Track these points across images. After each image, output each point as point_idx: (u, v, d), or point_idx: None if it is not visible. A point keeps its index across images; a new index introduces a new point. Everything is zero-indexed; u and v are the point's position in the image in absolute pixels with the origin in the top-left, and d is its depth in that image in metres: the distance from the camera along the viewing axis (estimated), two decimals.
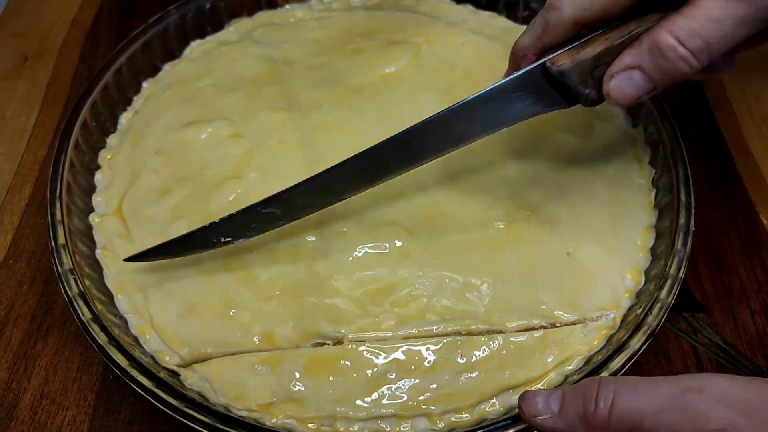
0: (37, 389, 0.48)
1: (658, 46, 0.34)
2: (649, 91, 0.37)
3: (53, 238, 0.46)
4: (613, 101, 0.37)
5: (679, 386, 0.32)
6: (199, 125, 0.55)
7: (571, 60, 0.38)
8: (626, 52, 0.36)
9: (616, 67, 0.37)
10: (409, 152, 0.42)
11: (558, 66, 0.38)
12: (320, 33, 0.63)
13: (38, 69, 0.68)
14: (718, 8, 0.32)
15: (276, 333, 0.44)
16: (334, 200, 0.45)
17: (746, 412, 0.30)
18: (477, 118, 0.41)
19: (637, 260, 0.48)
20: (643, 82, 0.36)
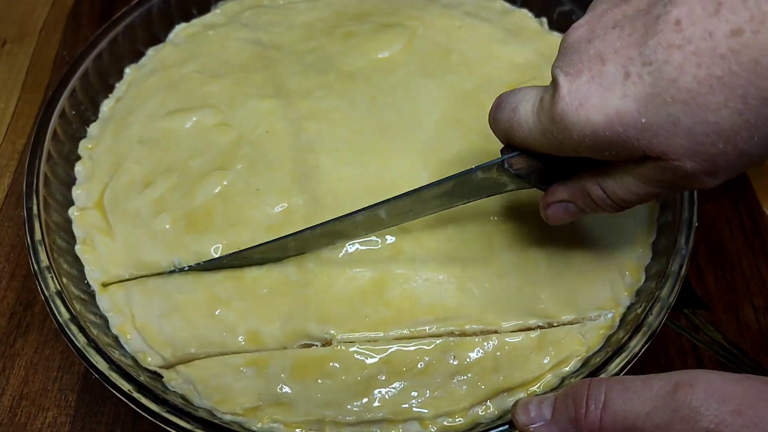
0: (16, 390, 0.47)
1: (589, 195, 0.37)
2: (581, 216, 0.40)
3: (29, 233, 0.45)
4: (551, 223, 0.41)
5: (670, 383, 0.31)
6: (184, 113, 0.53)
7: (528, 167, 0.38)
8: (560, 187, 0.39)
9: (552, 198, 0.40)
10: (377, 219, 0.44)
11: (516, 170, 0.39)
12: (310, 16, 0.61)
13: (17, 53, 0.65)
14: (636, 186, 0.35)
15: (262, 333, 0.42)
16: None
17: (739, 410, 0.29)
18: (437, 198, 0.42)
19: (637, 256, 0.46)
20: (576, 211, 0.39)
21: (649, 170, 0.33)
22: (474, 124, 0.51)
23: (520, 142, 0.37)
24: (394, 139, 0.50)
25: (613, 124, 0.31)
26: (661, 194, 0.36)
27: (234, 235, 0.46)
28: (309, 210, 0.46)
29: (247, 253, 0.44)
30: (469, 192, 0.42)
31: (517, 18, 0.60)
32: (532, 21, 0.60)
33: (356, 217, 0.43)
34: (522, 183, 0.40)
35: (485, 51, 0.56)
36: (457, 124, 0.51)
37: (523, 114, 0.36)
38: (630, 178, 0.35)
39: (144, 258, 0.46)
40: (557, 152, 0.36)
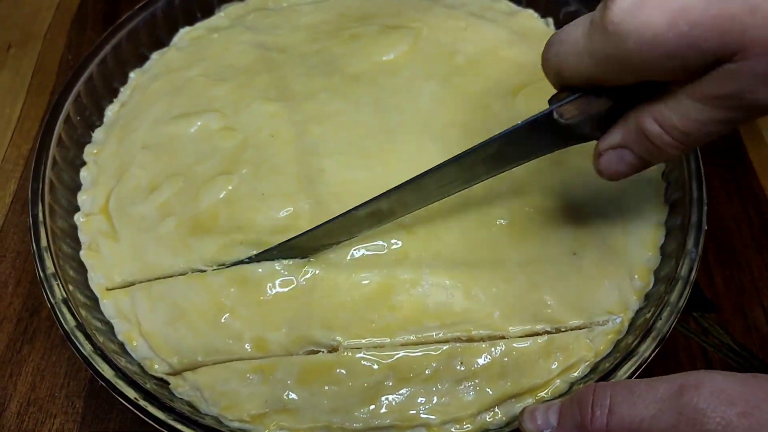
0: (23, 396, 0.47)
1: (644, 132, 0.34)
2: (640, 167, 0.36)
3: (35, 241, 0.45)
4: (604, 177, 0.37)
5: (675, 385, 0.31)
6: (189, 118, 0.53)
7: (581, 113, 0.35)
8: (615, 129, 0.35)
9: (605, 144, 0.36)
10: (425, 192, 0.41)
11: (567, 119, 0.35)
12: (314, 18, 0.60)
13: (22, 57, 0.66)
14: (698, 111, 0.31)
15: (268, 339, 0.42)
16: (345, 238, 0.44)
17: (745, 412, 0.29)
18: (484, 163, 0.39)
19: (646, 259, 0.46)
20: (632, 160, 0.36)
21: (712, 85, 0.30)
22: (480, 126, 0.51)
23: (570, 75, 0.34)
24: (399, 142, 0.50)
25: (677, 23, 0.28)
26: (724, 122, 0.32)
27: (238, 235, 0.45)
28: (314, 214, 0.46)
29: (296, 242, 0.43)
30: (517, 153, 0.39)
31: (523, 19, 0.59)
32: (538, 21, 0.59)
33: (404, 192, 0.40)
34: (573, 136, 0.36)
35: (491, 52, 0.56)
36: (463, 127, 0.51)
37: (572, 41, 0.33)
38: (690, 101, 0.31)
39: (149, 262, 0.46)
40: (611, 78, 0.32)
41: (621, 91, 0.33)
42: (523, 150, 0.39)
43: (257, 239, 0.45)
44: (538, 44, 0.56)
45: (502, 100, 0.52)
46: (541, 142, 0.38)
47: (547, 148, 0.38)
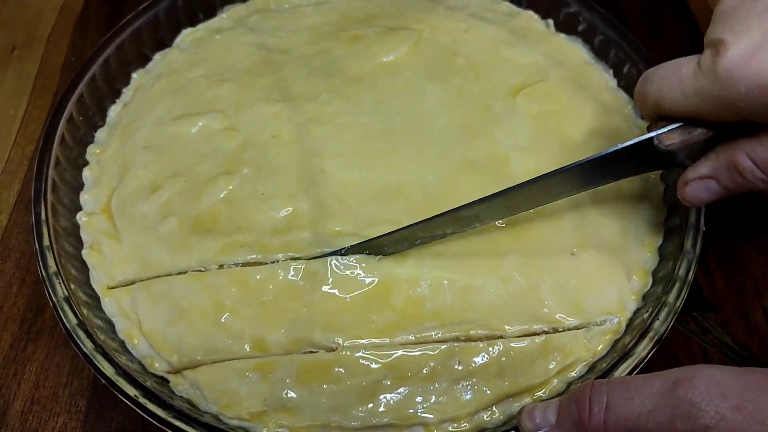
0: (27, 395, 0.47)
1: (736, 166, 0.36)
2: (721, 196, 0.39)
3: (38, 240, 0.45)
4: (688, 204, 0.40)
5: (671, 379, 0.31)
6: (191, 118, 0.53)
7: (681, 141, 0.37)
8: (704, 161, 0.38)
9: (694, 174, 0.38)
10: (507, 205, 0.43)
11: (667, 145, 0.37)
12: (316, 19, 0.61)
13: (26, 59, 0.66)
14: None
15: (268, 340, 0.42)
16: None
17: (739, 405, 0.29)
18: (574, 180, 0.41)
19: (644, 260, 0.46)
20: (718, 190, 0.38)
21: None
22: (481, 127, 0.51)
23: (671, 109, 0.37)
24: (400, 143, 0.50)
25: None
26: None
27: (239, 236, 0.46)
28: (315, 214, 0.46)
29: (377, 242, 0.43)
30: (605, 174, 0.41)
31: (524, 20, 0.59)
32: (539, 23, 0.59)
33: (491, 203, 0.42)
34: (665, 162, 0.39)
35: (491, 53, 0.56)
36: (464, 128, 0.51)
37: (676, 79, 0.36)
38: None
39: (150, 261, 0.46)
40: (712, 116, 0.35)
41: (718, 126, 0.36)
42: (612, 172, 0.41)
43: (257, 241, 0.45)
44: (539, 45, 0.57)
45: (502, 101, 0.53)
46: (631, 165, 0.40)
47: (633, 171, 0.40)
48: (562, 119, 0.51)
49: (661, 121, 0.38)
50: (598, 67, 0.57)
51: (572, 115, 0.52)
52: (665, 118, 0.38)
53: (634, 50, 0.54)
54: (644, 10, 0.70)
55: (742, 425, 0.29)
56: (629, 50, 0.54)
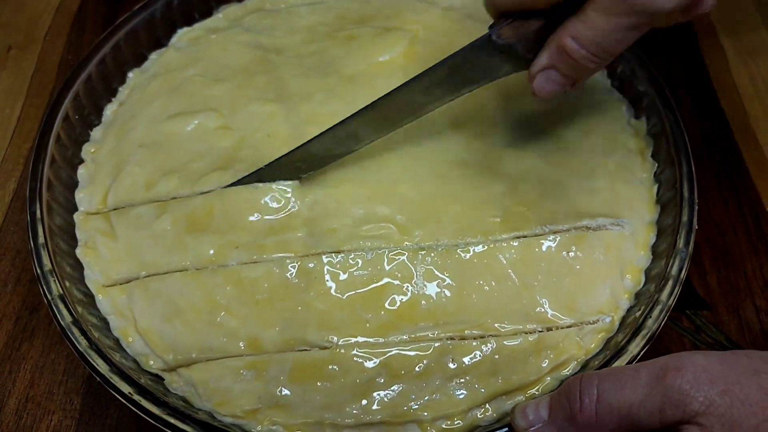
0: (22, 393, 0.47)
1: (564, 49, 0.38)
2: (568, 84, 0.40)
3: (33, 238, 0.45)
4: (540, 98, 0.41)
5: (659, 369, 0.32)
6: (186, 117, 0.53)
7: (515, 34, 0.39)
8: (542, 53, 0.39)
9: (536, 68, 0.40)
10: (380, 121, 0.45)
11: (503, 40, 0.40)
12: (312, 19, 0.61)
13: (23, 59, 0.66)
14: (605, 21, 0.36)
15: (262, 338, 0.43)
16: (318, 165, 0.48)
17: (726, 390, 0.30)
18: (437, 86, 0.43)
19: (637, 259, 0.46)
20: (560, 79, 0.40)
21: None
22: (474, 126, 0.51)
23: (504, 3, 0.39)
24: (394, 142, 0.50)
25: None
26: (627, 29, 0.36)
27: (234, 236, 0.46)
28: (310, 213, 0.47)
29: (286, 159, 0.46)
30: (465, 77, 0.42)
31: None
32: None
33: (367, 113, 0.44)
34: (510, 58, 0.41)
35: None
36: (458, 127, 0.51)
37: None
38: (595, 14, 0.35)
39: (146, 260, 0.46)
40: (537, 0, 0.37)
41: (547, 14, 0.38)
42: (470, 74, 0.42)
43: (253, 241, 0.45)
44: None
45: (496, 101, 0.53)
46: (484, 66, 0.42)
47: (491, 73, 0.43)
48: (557, 119, 0.52)
49: (501, 18, 0.40)
50: None
51: (566, 115, 0.52)
52: (505, 16, 0.40)
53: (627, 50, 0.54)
54: None
55: (730, 409, 0.30)
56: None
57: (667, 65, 0.64)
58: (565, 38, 0.37)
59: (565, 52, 0.38)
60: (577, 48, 0.37)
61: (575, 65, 0.38)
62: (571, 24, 0.37)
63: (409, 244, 0.45)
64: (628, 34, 0.36)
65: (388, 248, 0.45)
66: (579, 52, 0.37)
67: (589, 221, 0.46)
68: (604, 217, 0.47)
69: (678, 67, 0.64)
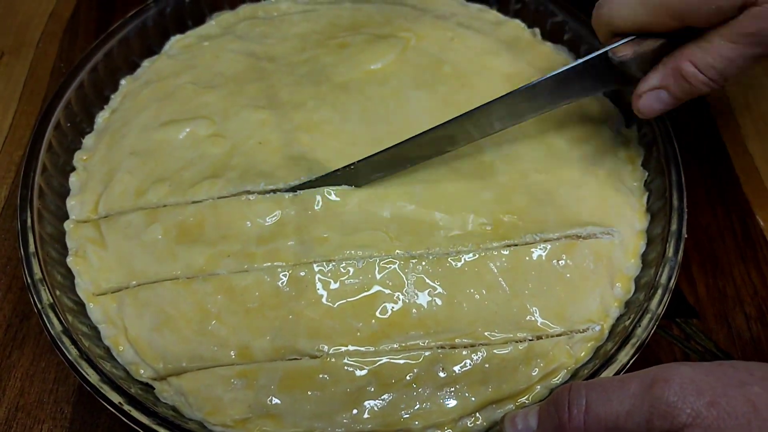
0: (12, 401, 0.47)
1: (681, 73, 0.40)
2: (673, 105, 0.42)
3: (23, 246, 0.45)
4: (643, 116, 0.43)
5: (647, 380, 0.32)
6: (178, 124, 0.53)
7: (633, 52, 0.41)
8: (652, 74, 0.41)
9: (645, 87, 0.42)
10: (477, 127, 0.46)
11: (620, 56, 0.41)
12: (304, 27, 0.61)
13: (15, 65, 0.66)
14: (728, 49, 0.38)
15: (253, 347, 0.43)
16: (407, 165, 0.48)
17: (713, 401, 0.31)
18: (541, 96, 0.45)
19: (627, 267, 0.47)
20: (669, 99, 0.42)
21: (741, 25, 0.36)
22: None
23: (622, 24, 0.41)
24: None
25: None
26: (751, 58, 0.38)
27: (225, 246, 0.46)
28: (301, 221, 0.47)
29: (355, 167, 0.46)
30: (569, 91, 0.44)
31: (510, 29, 0.60)
32: (525, 32, 0.60)
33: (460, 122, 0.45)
34: (620, 76, 0.42)
35: (477, 62, 0.56)
36: None
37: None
38: (722, 41, 0.37)
39: (136, 269, 0.46)
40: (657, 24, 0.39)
41: (665, 37, 0.40)
42: (576, 88, 0.44)
43: (243, 250, 0.45)
44: (525, 54, 0.57)
45: None
46: (589, 83, 0.44)
47: (592, 89, 0.45)
48: (548, 127, 0.52)
49: (616, 37, 0.42)
50: None
51: (557, 123, 0.52)
52: (619, 36, 0.42)
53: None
54: None
55: (717, 420, 0.30)
56: None
57: None
58: (683, 62, 0.39)
59: (681, 76, 0.40)
60: (694, 72, 0.39)
61: (689, 89, 0.40)
62: (690, 49, 0.39)
63: (400, 253, 0.45)
64: (747, 62, 0.38)
65: (379, 256, 0.45)
66: (696, 77, 0.39)
67: (580, 230, 0.47)
68: (594, 226, 0.47)
69: None
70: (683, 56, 0.39)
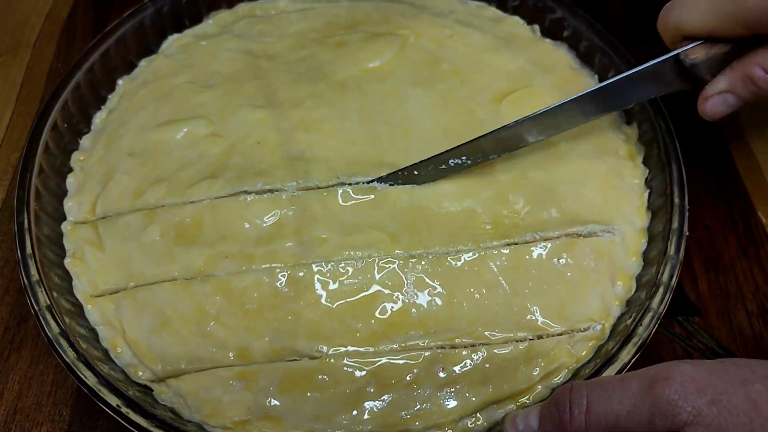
0: (10, 404, 0.47)
1: (750, 77, 0.41)
2: (737, 108, 0.43)
3: (20, 248, 0.45)
4: (707, 118, 0.44)
5: (647, 379, 0.32)
6: (175, 124, 0.53)
7: (705, 54, 0.42)
8: (719, 78, 0.43)
9: (712, 90, 0.43)
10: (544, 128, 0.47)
11: (692, 59, 0.42)
12: (302, 25, 0.61)
13: (12, 65, 0.66)
14: None
15: (252, 348, 0.42)
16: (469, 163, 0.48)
17: (714, 399, 0.31)
18: (608, 100, 0.46)
19: (628, 265, 0.46)
20: (735, 102, 0.43)
21: None
22: (465, 132, 0.51)
23: (690, 30, 0.42)
24: (384, 150, 0.50)
25: None
26: None
27: (223, 247, 0.46)
28: (300, 221, 0.46)
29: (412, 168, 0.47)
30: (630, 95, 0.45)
31: (509, 25, 0.59)
32: (524, 28, 0.60)
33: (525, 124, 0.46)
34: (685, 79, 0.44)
35: (476, 59, 0.56)
36: (448, 133, 0.51)
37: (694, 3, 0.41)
38: None
39: (134, 271, 0.46)
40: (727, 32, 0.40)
41: (734, 43, 0.41)
42: (637, 91, 0.45)
43: (241, 251, 0.45)
44: (524, 51, 0.57)
45: (486, 107, 0.53)
46: (654, 86, 0.45)
47: (656, 91, 0.45)
48: None
49: (684, 41, 0.43)
50: (584, 72, 0.57)
51: None
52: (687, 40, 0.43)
53: (618, 56, 0.54)
54: (629, 15, 0.70)
55: (718, 418, 0.30)
56: (614, 56, 0.55)
57: None
58: (754, 67, 0.41)
59: (751, 81, 0.41)
60: (764, 77, 0.41)
61: (757, 92, 0.42)
62: (760, 55, 0.40)
63: (400, 252, 0.45)
64: None
65: (378, 256, 0.45)
66: (766, 81, 0.41)
67: (580, 228, 0.46)
68: (595, 224, 0.47)
69: None
70: (753, 61, 0.41)
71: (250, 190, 0.47)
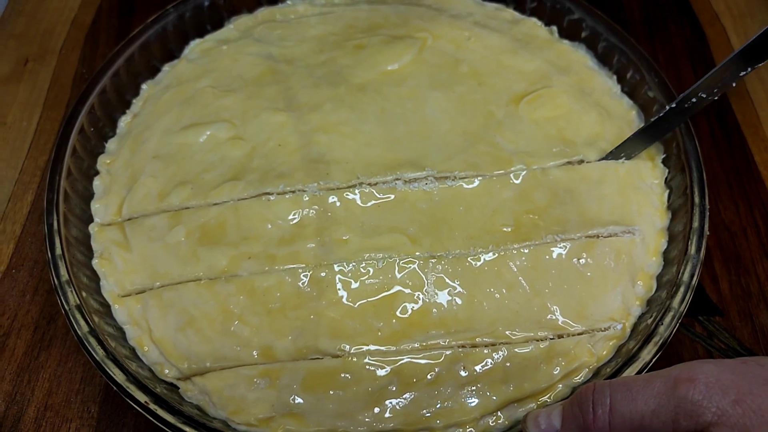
0: (41, 401, 0.48)
1: None
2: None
3: (50, 249, 0.46)
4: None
5: (671, 379, 0.32)
6: (198, 128, 0.54)
7: None
8: None
9: None
10: None
11: None
12: (322, 29, 0.61)
13: (39, 71, 0.67)
14: None
15: (275, 347, 0.43)
16: None
17: (738, 399, 0.30)
18: None
19: (648, 265, 0.46)
20: None
21: None
22: (483, 134, 0.51)
23: None
24: (403, 151, 0.51)
25: None
26: None
27: (246, 247, 0.46)
28: (321, 222, 0.47)
29: None
30: None
31: (527, 27, 0.60)
32: (542, 30, 0.60)
33: None
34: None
35: (494, 61, 0.56)
36: (466, 135, 0.52)
37: None
38: None
39: (159, 271, 0.47)
40: None
41: None
42: None
43: (264, 251, 0.46)
44: (542, 52, 0.57)
45: (505, 108, 0.53)
46: None
47: None
48: (565, 125, 0.52)
49: None
50: (602, 72, 0.57)
51: (575, 121, 0.52)
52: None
53: (636, 56, 0.54)
54: (647, 15, 0.70)
55: (742, 418, 0.30)
56: (632, 56, 0.55)
57: (678, 70, 0.64)
58: None
59: None
60: None
61: None
62: None
63: (420, 254, 0.45)
64: None
65: (399, 257, 0.45)
66: None
67: (600, 229, 0.46)
68: (615, 225, 0.47)
69: (689, 73, 0.64)
70: None
71: (272, 192, 0.48)
